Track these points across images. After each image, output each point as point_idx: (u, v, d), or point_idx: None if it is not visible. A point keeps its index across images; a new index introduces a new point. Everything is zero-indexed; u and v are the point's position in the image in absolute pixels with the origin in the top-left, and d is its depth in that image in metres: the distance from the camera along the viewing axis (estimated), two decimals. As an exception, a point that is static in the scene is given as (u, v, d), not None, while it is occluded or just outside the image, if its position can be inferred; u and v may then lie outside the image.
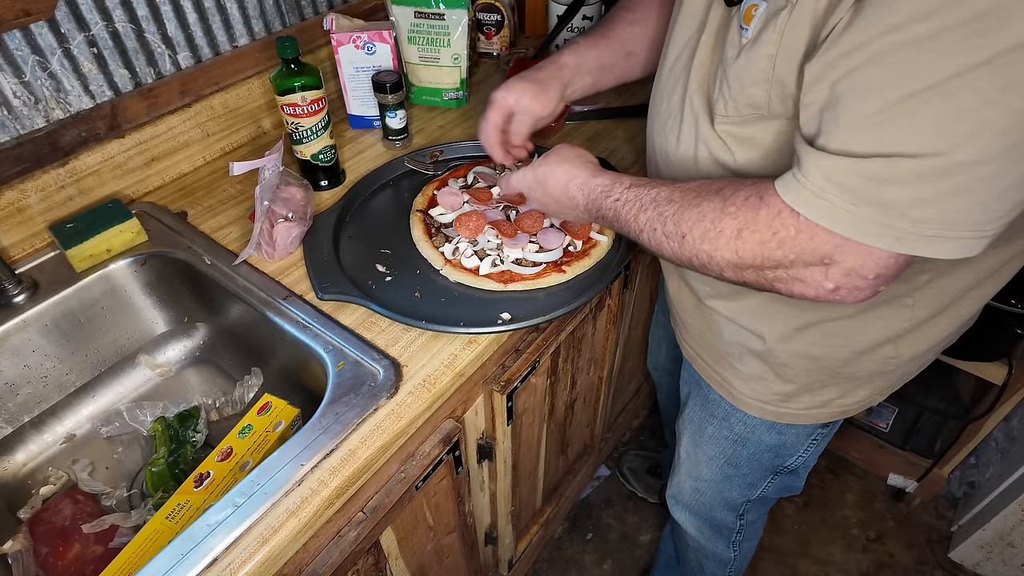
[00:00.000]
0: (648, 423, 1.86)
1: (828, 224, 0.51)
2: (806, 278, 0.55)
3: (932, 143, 0.45)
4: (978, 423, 1.43)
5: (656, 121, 0.76)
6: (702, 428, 0.95)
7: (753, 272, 0.58)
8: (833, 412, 0.81)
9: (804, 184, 0.52)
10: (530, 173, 0.81)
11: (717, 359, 0.85)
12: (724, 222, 0.58)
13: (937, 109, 0.44)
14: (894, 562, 1.58)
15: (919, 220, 0.48)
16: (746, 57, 0.57)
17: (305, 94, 0.92)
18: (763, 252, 0.56)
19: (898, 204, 0.48)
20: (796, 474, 0.97)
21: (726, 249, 0.58)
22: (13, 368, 0.86)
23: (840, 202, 0.50)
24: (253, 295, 0.85)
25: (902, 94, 0.45)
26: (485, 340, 0.80)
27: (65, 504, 0.80)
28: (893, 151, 0.46)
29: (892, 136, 0.46)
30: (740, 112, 0.61)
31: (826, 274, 0.53)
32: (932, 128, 0.45)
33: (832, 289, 0.54)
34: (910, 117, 0.45)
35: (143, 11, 0.91)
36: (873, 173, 0.48)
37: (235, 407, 0.94)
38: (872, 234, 0.50)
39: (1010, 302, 1.19)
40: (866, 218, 0.49)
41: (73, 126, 0.89)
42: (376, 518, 0.75)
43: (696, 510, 1.10)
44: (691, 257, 0.62)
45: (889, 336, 0.70)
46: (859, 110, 0.48)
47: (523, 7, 1.42)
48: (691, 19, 0.68)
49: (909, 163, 0.46)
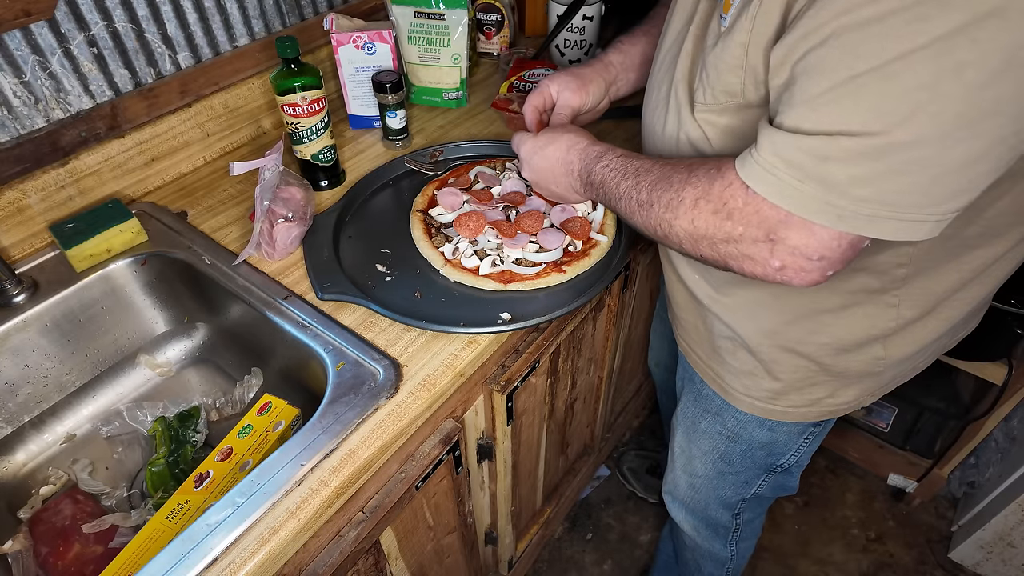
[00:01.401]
0: (648, 423, 1.86)
1: (774, 199, 0.53)
2: (755, 255, 0.56)
3: (871, 123, 0.47)
4: (978, 423, 1.43)
5: (647, 111, 0.78)
6: (696, 423, 0.95)
7: (708, 245, 0.60)
8: (822, 411, 0.81)
9: (756, 159, 0.54)
10: (531, 140, 0.85)
11: (710, 354, 0.85)
12: (685, 191, 0.60)
13: (878, 90, 0.46)
14: (894, 562, 1.58)
15: (858, 199, 0.49)
16: (722, 45, 0.59)
17: (305, 94, 0.92)
18: (715, 222, 0.58)
19: (839, 182, 0.49)
20: (790, 473, 0.97)
21: (684, 218, 0.61)
22: (13, 368, 0.86)
23: (787, 178, 0.51)
24: (253, 295, 0.85)
25: (849, 74, 0.47)
26: (485, 340, 0.80)
27: (65, 504, 0.80)
28: (836, 129, 0.48)
29: (836, 115, 0.48)
30: (717, 99, 0.62)
31: (772, 251, 0.55)
32: (872, 108, 0.46)
33: (778, 267, 0.55)
34: (853, 97, 0.47)
35: (143, 11, 0.91)
36: (816, 150, 0.49)
37: (235, 407, 0.94)
38: (814, 210, 0.51)
39: (1010, 302, 1.19)
40: (810, 194, 0.51)
41: (73, 126, 0.89)
42: (376, 518, 0.75)
43: (692, 508, 1.10)
44: (655, 226, 0.65)
45: (875, 335, 0.70)
46: (810, 89, 0.49)
47: (523, 7, 1.42)
48: (683, 12, 0.70)
49: (849, 141, 0.48)
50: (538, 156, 0.83)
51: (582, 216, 0.93)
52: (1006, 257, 0.65)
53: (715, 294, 0.77)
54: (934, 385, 1.52)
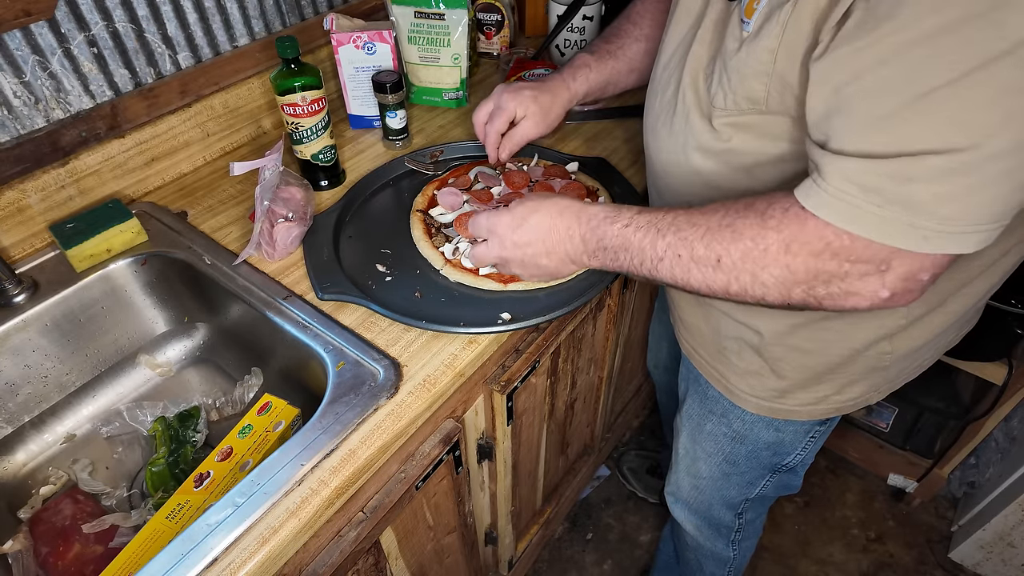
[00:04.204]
0: (648, 423, 1.86)
1: (850, 227, 0.50)
2: (861, 290, 0.54)
3: (957, 138, 0.45)
4: (978, 423, 1.43)
5: (650, 116, 0.76)
6: (701, 425, 0.95)
7: (803, 290, 0.56)
8: (828, 409, 0.81)
9: (825, 189, 0.51)
10: (505, 214, 0.74)
11: (715, 354, 0.85)
12: (768, 237, 0.55)
13: (961, 103, 0.44)
14: (894, 562, 1.58)
15: (945, 217, 0.47)
16: (747, 50, 0.57)
17: (305, 94, 0.92)
18: (816, 265, 0.54)
19: (923, 202, 0.47)
20: (794, 472, 0.97)
21: (775, 266, 0.55)
22: (13, 368, 0.86)
23: (864, 204, 0.49)
24: (253, 295, 0.85)
25: (923, 90, 0.45)
26: (485, 340, 0.80)
27: (65, 504, 0.80)
28: (918, 148, 0.46)
29: (916, 134, 0.46)
30: (739, 105, 0.60)
31: (883, 281, 0.52)
32: (956, 122, 0.45)
33: (888, 297, 0.53)
34: (932, 114, 0.45)
35: (143, 11, 0.91)
36: (896, 172, 0.47)
37: (235, 407, 0.94)
38: (896, 235, 0.49)
39: (1010, 302, 1.19)
40: (891, 219, 0.49)
41: (73, 126, 0.89)
42: (376, 518, 0.75)
43: (695, 508, 1.10)
44: (728, 282, 0.59)
45: (883, 334, 0.71)
46: (876, 110, 0.47)
47: (523, 7, 1.42)
48: (687, 16, 0.69)
49: (936, 159, 0.46)
50: (521, 231, 0.73)
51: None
52: (1012, 252, 0.65)
53: None
54: (934, 385, 1.52)
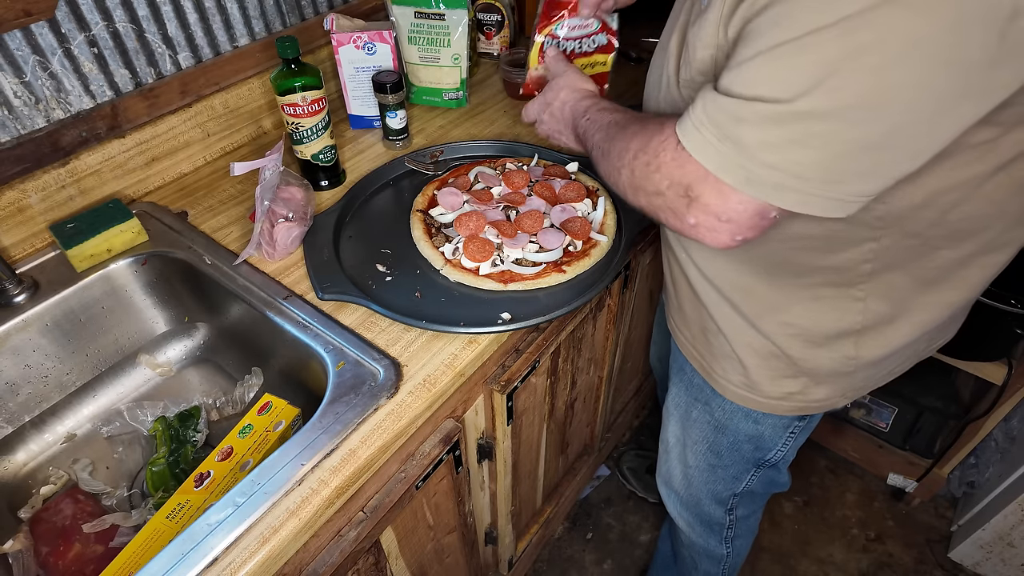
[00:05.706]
0: (648, 423, 1.86)
1: (696, 154, 0.55)
2: (676, 208, 0.58)
3: (780, 90, 0.49)
4: (978, 423, 1.43)
5: (649, 85, 0.79)
6: (688, 412, 0.96)
7: (644, 196, 0.62)
8: (795, 406, 0.82)
9: (690, 115, 0.56)
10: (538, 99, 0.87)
11: (698, 335, 0.86)
12: (632, 142, 0.63)
13: (791, 60, 0.48)
14: (894, 562, 1.58)
15: (766, 164, 0.51)
16: (699, 23, 0.60)
17: (305, 94, 0.92)
18: (646, 174, 0.60)
19: (749, 144, 0.51)
20: (778, 469, 0.98)
21: (626, 168, 0.63)
22: (14, 368, 0.86)
23: (710, 136, 0.54)
24: (253, 295, 0.85)
25: (772, 43, 0.49)
26: (485, 340, 0.80)
27: (65, 504, 0.80)
28: (752, 93, 0.51)
29: (754, 79, 0.51)
30: (694, 78, 0.63)
31: (688, 207, 0.57)
32: (783, 77, 0.49)
33: (692, 224, 0.58)
34: (771, 65, 0.50)
35: (143, 11, 0.91)
36: (734, 111, 0.52)
37: (235, 407, 0.94)
38: (726, 169, 0.53)
39: (1010, 302, 1.19)
40: (725, 153, 0.53)
41: (74, 126, 0.89)
42: (376, 518, 0.75)
43: (686, 502, 1.10)
44: (608, 173, 0.68)
45: (844, 329, 0.71)
46: (741, 54, 0.52)
47: (523, 7, 1.42)
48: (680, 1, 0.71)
49: (761, 106, 0.50)
50: (547, 112, 0.85)
51: (582, 216, 0.93)
52: (977, 264, 0.65)
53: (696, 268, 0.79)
54: (934, 385, 1.52)
